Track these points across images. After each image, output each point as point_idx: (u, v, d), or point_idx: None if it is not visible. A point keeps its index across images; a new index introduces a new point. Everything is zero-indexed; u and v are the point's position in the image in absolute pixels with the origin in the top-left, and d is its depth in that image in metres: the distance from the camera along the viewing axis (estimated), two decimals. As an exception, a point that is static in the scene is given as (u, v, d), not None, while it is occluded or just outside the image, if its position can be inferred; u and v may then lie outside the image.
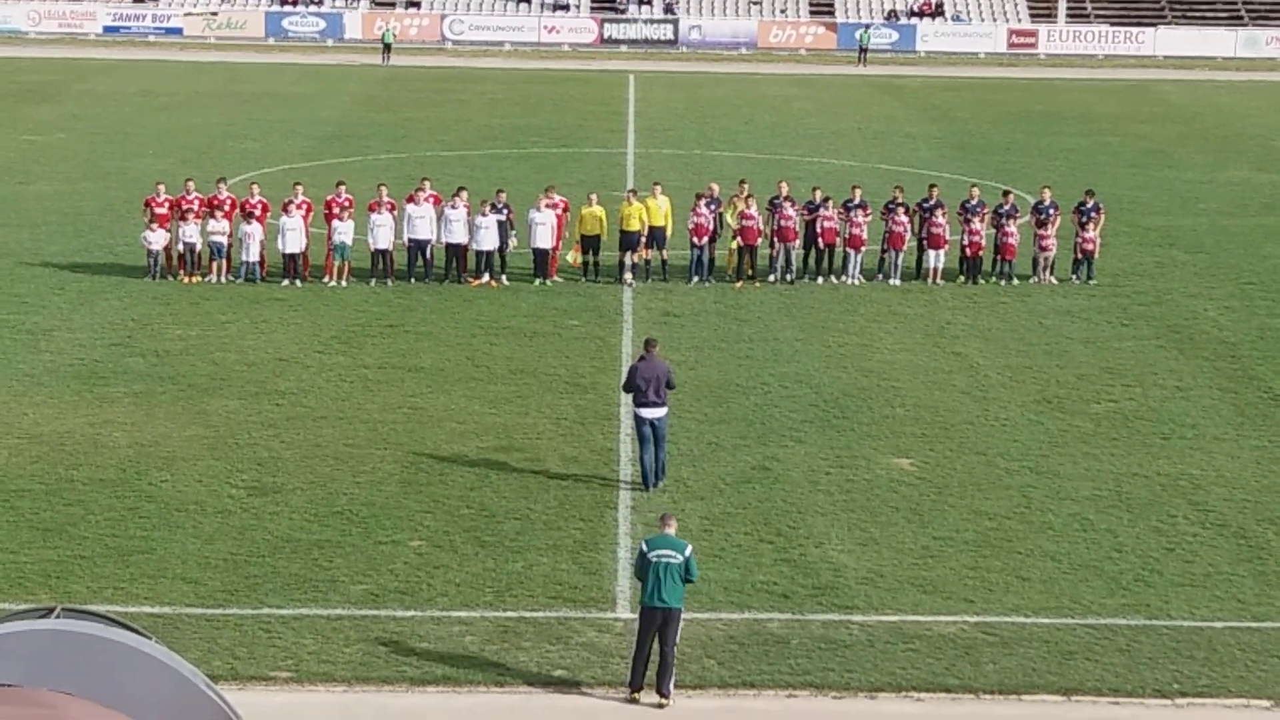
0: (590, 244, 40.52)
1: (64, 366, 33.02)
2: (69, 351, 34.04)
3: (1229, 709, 20.46)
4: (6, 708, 13.12)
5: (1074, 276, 41.31)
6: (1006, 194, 43.11)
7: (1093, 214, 41.61)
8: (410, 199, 40.32)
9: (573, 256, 40.58)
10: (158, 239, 39.90)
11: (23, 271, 40.73)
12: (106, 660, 14.13)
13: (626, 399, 31.50)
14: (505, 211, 40.23)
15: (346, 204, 40.13)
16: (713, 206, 40.75)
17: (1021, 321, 37.87)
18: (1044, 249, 41.35)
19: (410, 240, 40.01)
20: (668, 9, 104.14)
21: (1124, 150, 64.59)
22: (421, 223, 39.88)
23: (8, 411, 30.18)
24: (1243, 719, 20.28)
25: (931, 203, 41.19)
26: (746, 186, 41.65)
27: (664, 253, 40.74)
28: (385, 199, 40.13)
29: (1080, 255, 41.45)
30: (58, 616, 14.77)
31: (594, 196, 41.16)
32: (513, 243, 40.30)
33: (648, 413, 26.80)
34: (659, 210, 40.62)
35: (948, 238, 41.04)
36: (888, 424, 30.52)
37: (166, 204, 40.29)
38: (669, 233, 40.82)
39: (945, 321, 37.72)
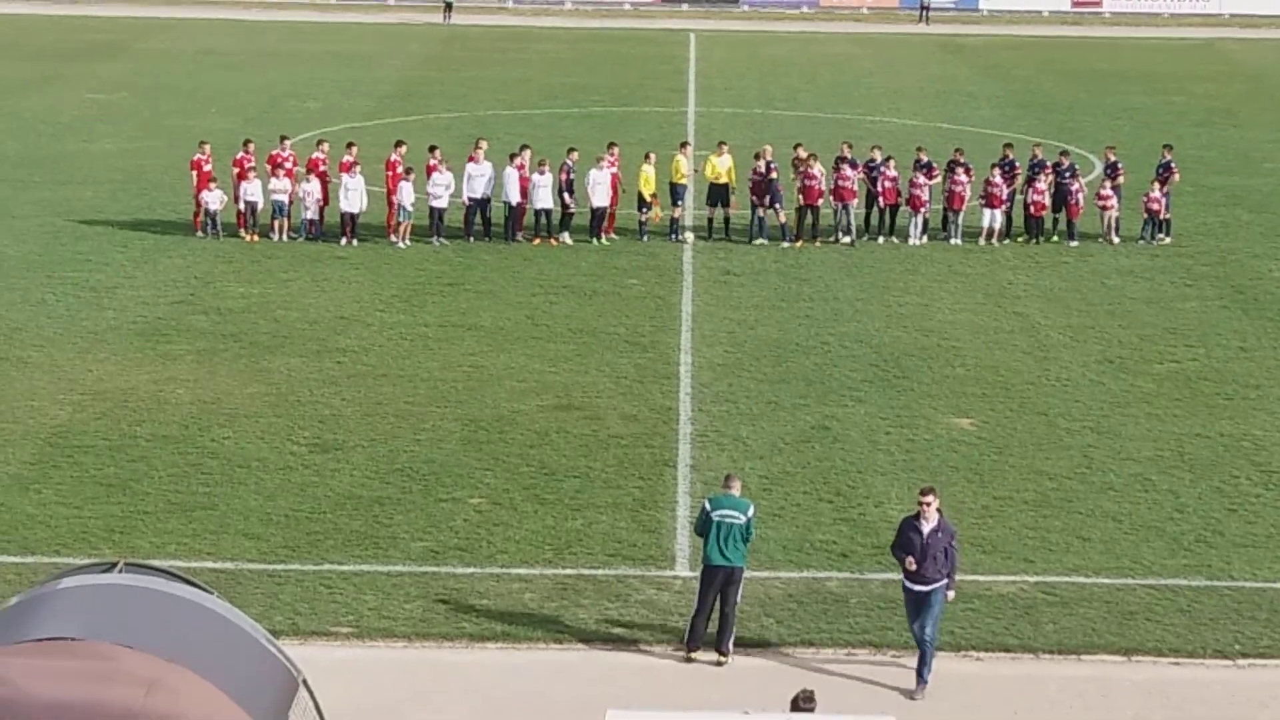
0: (645, 202, 40.49)
1: (127, 324, 33.22)
2: (132, 309, 34.24)
3: (1290, 670, 20.39)
4: (69, 660, 13.26)
5: (1141, 239, 40.94)
6: (1064, 154, 42.74)
7: (1161, 173, 41.41)
8: (471, 158, 40.37)
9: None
10: (214, 199, 40.02)
11: (86, 229, 40.95)
12: (168, 615, 14.25)
13: (687, 359, 31.56)
14: (565, 170, 40.20)
15: (398, 162, 40.18)
16: (773, 166, 40.61)
17: (1084, 281, 37.64)
18: (1107, 209, 41.08)
19: (469, 199, 40.04)
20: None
21: (1189, 109, 63.99)
22: (480, 181, 39.94)
23: (72, 368, 30.40)
24: (1304, 681, 20.20)
25: (1001, 161, 41.05)
26: (801, 150, 41.60)
27: (728, 210, 40.66)
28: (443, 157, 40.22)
29: (1145, 214, 41.09)
30: (120, 571, 14.91)
31: (651, 155, 41.24)
32: (571, 202, 40.31)
33: (921, 586, 19.94)
34: (724, 169, 40.60)
35: (1004, 197, 40.73)
36: (948, 384, 30.43)
37: (211, 162, 40.31)
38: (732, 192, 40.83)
39: (1006, 281, 37.53)
